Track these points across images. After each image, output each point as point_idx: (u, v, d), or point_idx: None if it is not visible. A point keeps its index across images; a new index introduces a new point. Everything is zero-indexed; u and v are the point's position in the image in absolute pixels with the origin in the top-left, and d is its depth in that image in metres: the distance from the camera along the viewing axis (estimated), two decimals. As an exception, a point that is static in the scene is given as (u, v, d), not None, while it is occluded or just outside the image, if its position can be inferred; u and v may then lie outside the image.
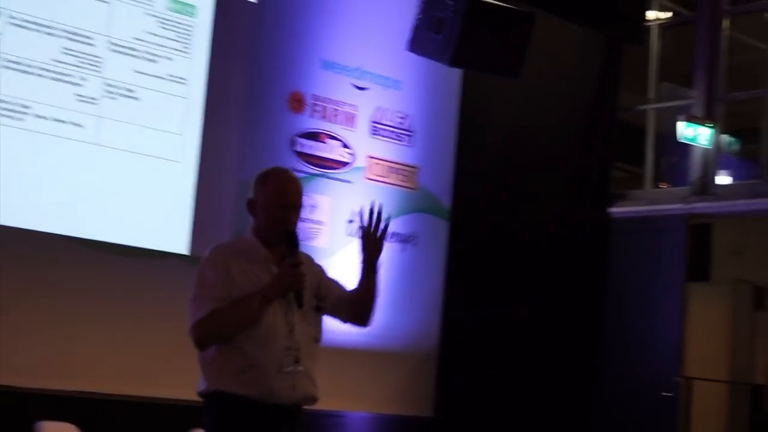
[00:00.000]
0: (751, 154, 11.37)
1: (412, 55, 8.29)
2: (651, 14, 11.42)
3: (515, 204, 10.47)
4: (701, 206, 10.78)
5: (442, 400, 9.88)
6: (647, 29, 11.34)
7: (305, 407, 4.58)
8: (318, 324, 4.66)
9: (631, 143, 11.77)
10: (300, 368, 4.48)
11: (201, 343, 4.43)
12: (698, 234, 12.05)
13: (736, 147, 11.56)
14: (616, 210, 11.12)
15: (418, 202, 9.73)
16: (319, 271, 4.68)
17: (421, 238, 9.71)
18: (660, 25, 11.43)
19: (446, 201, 9.92)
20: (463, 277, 9.99)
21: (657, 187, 11.54)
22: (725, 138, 11.22)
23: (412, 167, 9.71)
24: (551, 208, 10.78)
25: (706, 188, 10.80)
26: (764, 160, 10.66)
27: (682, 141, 10.65)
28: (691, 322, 11.87)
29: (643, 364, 10.54)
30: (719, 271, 14.26)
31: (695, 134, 10.62)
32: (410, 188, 9.68)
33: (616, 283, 10.91)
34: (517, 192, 10.51)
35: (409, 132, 9.69)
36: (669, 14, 11.75)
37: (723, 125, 10.99)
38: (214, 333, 4.40)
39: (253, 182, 4.60)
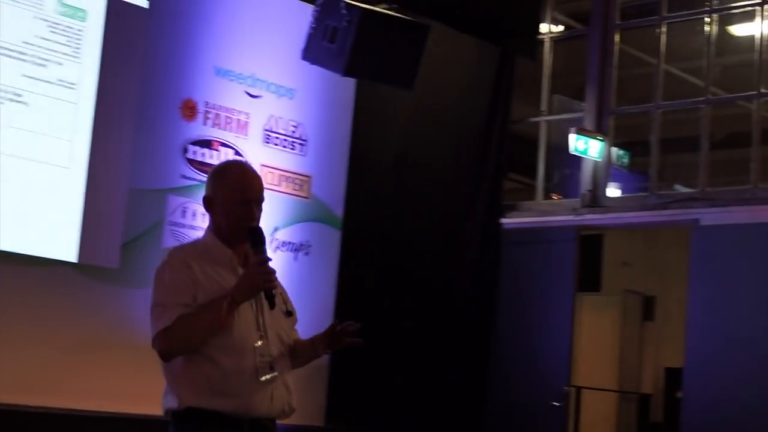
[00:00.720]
0: (641, 167, 11.53)
1: (306, 63, 8.28)
2: (544, 28, 11.53)
3: (407, 214, 10.50)
4: (591, 218, 10.92)
5: (333, 409, 9.87)
6: (540, 42, 11.45)
7: (281, 421, 4.23)
8: (291, 329, 4.34)
9: (524, 155, 11.89)
10: (275, 375, 4.13)
11: (167, 354, 4.04)
12: (589, 245, 12.21)
13: (626, 160, 11.72)
14: (507, 221, 11.22)
15: (310, 211, 9.71)
16: (281, 285, 4.31)
17: (313, 247, 9.69)
18: (552, 38, 11.55)
19: (338, 210, 9.92)
20: (354, 286, 9.99)
21: (549, 198, 11.66)
22: (616, 151, 11.37)
23: (305, 176, 9.68)
24: (443, 218, 10.83)
25: (596, 200, 10.93)
26: (653, 173, 10.82)
27: (574, 153, 10.78)
28: (581, 332, 12.01)
29: (533, 374, 10.63)
30: (609, 281, 14.48)
31: (586, 147, 10.76)
32: (303, 197, 9.66)
33: (508, 294, 11.00)
34: (409, 202, 10.54)
35: (302, 141, 9.67)
36: (561, 28, 11.89)
37: (613, 138, 11.14)
38: (181, 342, 4.00)
39: (208, 178, 4.28)
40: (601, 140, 10.84)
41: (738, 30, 11.31)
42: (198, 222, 8.79)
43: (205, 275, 4.09)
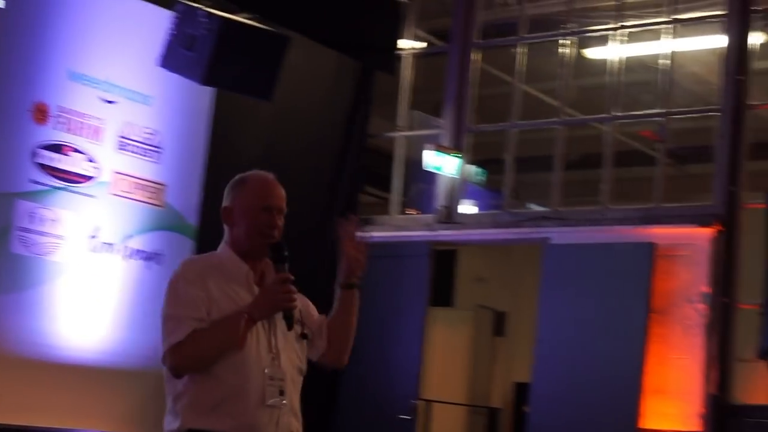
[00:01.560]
0: (496, 184, 11.69)
1: (164, 70, 8.22)
2: (405, 43, 11.63)
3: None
4: (445, 234, 11.02)
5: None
6: (400, 58, 11.54)
7: None
8: (303, 353, 4.16)
9: (382, 169, 11.97)
10: (284, 402, 3.98)
11: (178, 370, 3.87)
12: (442, 260, 12.34)
13: (481, 177, 11.87)
14: (362, 235, 11.22)
15: (163, 220, 9.61)
16: (304, 298, 4.23)
17: (165, 256, 9.59)
18: (412, 54, 11.65)
19: (192, 219, 9.82)
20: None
21: (404, 213, 11.74)
22: (472, 168, 11.51)
23: (159, 184, 9.59)
24: (299, 230, 10.79)
25: (450, 216, 11.05)
26: (507, 191, 10.98)
27: (430, 169, 10.88)
28: (433, 347, 12.12)
29: (383, 387, 10.68)
30: (462, 296, 14.69)
31: (442, 163, 10.87)
32: (156, 205, 9.56)
33: (360, 308, 11.00)
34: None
35: (157, 148, 9.58)
36: (423, 44, 11.99)
37: (470, 155, 11.27)
38: (193, 359, 3.85)
39: (227, 189, 4.15)
40: (457, 157, 10.96)
41: (593, 53, 11.55)
42: (47, 228, 8.65)
43: (219, 290, 3.95)
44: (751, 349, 8.03)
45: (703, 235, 9.56)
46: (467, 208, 11.29)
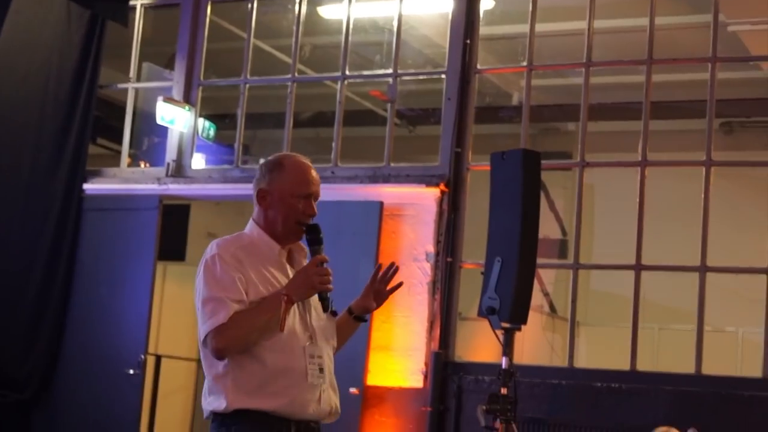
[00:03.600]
0: (228, 140, 11.68)
1: None
2: (137, -6, 11.44)
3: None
4: (176, 188, 10.94)
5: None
6: (132, 9, 11.35)
7: (326, 422, 4.20)
8: (333, 329, 4.30)
9: (113, 120, 11.79)
10: (325, 378, 4.12)
11: (221, 352, 3.94)
12: (173, 215, 12.25)
13: (212, 132, 11.83)
14: (90, 187, 11.06)
15: None
16: None
17: None
18: (144, 5, 11.47)
19: None
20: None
21: (137, 166, 11.59)
22: (203, 122, 11.45)
23: None
24: (25, 179, 10.57)
25: (181, 170, 10.97)
26: (238, 146, 10.98)
27: (161, 122, 10.78)
28: (165, 301, 12.06)
29: (110, 343, 10.55)
30: (194, 251, 14.60)
31: (173, 117, 10.78)
32: None
33: (87, 261, 10.86)
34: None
35: None
36: (158, -5, 11.82)
37: (201, 110, 11.21)
38: (237, 339, 3.91)
39: (262, 169, 4.17)
40: (188, 110, 10.90)
41: (326, 12, 11.64)
42: None
43: (255, 271, 4.02)
44: (474, 308, 8.29)
45: (429, 195, 9.79)
46: (198, 162, 11.23)
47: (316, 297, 4.18)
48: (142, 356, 10.50)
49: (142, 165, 11.62)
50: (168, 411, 13.64)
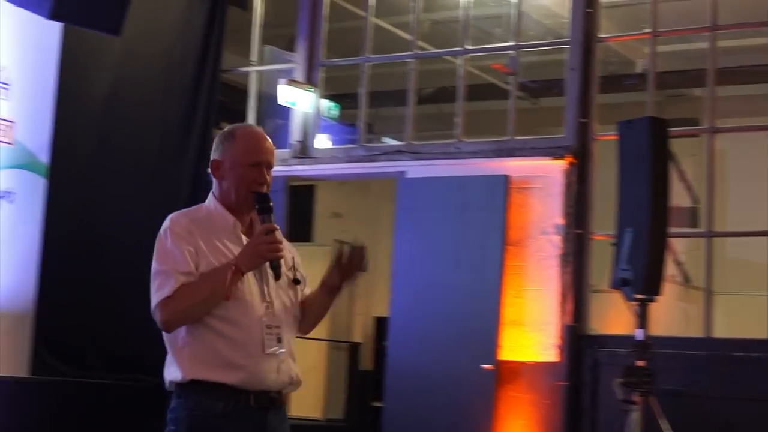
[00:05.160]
0: (350, 119, 11.70)
1: (9, 5, 8.04)
2: (256, -23, 11.50)
3: (117, 160, 10.35)
4: (301, 169, 11.00)
5: (39, 360, 9.65)
6: (251, -8, 11.44)
7: (287, 391, 4.19)
8: (296, 298, 4.25)
9: (236, 104, 11.87)
10: (283, 349, 4.08)
11: (168, 324, 3.97)
12: (300, 196, 12.33)
13: (335, 112, 11.85)
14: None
15: (13, 158, 9.40)
16: (292, 248, 4.31)
17: (17, 194, 9.42)
18: (263, -11, 11.54)
19: (44, 157, 9.65)
20: (61, 235, 9.77)
21: (260, 148, 11.64)
22: (325, 103, 11.48)
23: (8, 122, 9.38)
24: (153, 165, 10.72)
25: (306, 151, 11.03)
26: (361, 125, 10.99)
27: (284, 104, 10.83)
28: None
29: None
30: (320, 232, 14.70)
31: (296, 98, 10.83)
32: (5, 143, 9.36)
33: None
34: (118, 148, 10.39)
35: (4, 85, 9.36)
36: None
37: (324, 90, 11.25)
38: (182, 312, 3.93)
39: (216, 141, 4.15)
40: (310, 91, 10.94)
41: (445, -14, 11.58)
42: None
43: (207, 243, 4.01)
44: (605, 280, 8.19)
45: (556, 167, 9.69)
46: (322, 143, 11.27)
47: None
48: (275, 338, 10.55)
49: (266, 147, 11.66)
50: (301, 390, 13.73)
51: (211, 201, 4.18)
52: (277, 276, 4.06)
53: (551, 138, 9.99)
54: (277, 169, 10.76)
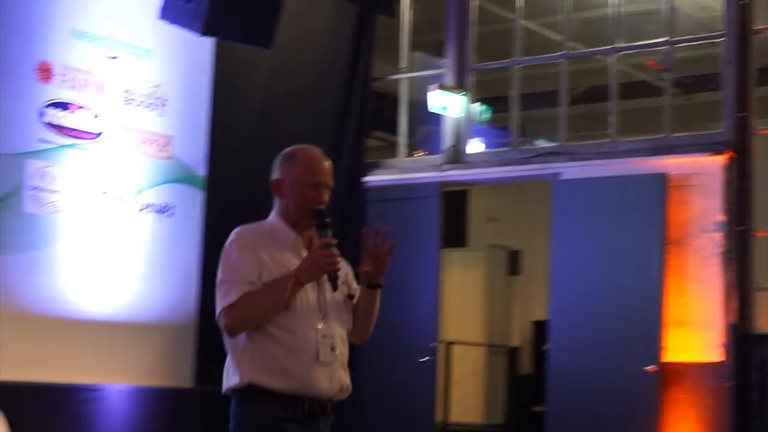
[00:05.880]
0: (502, 122, 11.64)
1: (164, 23, 8.18)
2: (402, -15, 11.52)
3: (270, 173, 10.45)
4: (455, 174, 10.97)
5: (201, 370, 9.82)
6: (398, 0, 11.45)
7: (338, 399, 4.39)
8: (349, 312, 4.47)
9: (387, 112, 11.91)
10: (336, 358, 4.31)
11: (231, 330, 4.22)
12: (453, 201, 12.30)
13: (487, 115, 11.80)
14: (371, 179, 11.21)
15: (172, 172, 9.59)
16: (347, 264, 4.50)
17: (176, 208, 9.60)
18: (411, -4, 11.56)
19: (201, 170, 9.82)
20: (220, 246, 9.86)
21: (412, 155, 11.70)
22: (476, 107, 11.44)
23: (165, 137, 9.57)
24: (306, 177, 10.81)
25: (458, 156, 11.00)
26: (514, 128, 10.92)
27: (435, 110, 10.83)
28: (449, 288, 12.11)
29: (400, 332, 10.64)
30: (475, 237, 14.67)
31: (447, 103, 10.81)
32: (164, 158, 9.54)
33: (374, 250, 10.98)
34: (272, 160, 10.47)
35: (161, 101, 9.55)
36: (421, -15, 11.87)
37: (474, 94, 11.21)
38: (245, 318, 4.18)
39: (277, 161, 4.46)
40: (461, 96, 10.91)
41: (593, -15, 11.45)
42: (58, 186, 8.66)
43: (270, 256, 4.25)
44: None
45: (715, 163, 9.50)
46: (475, 147, 11.23)
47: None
48: (434, 343, 10.57)
49: (418, 154, 11.70)
50: (461, 396, 13.73)
51: (273, 217, 4.42)
52: (334, 287, 4.25)
53: (709, 134, 9.80)
54: (431, 175, 10.89)
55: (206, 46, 9.77)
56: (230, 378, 4.27)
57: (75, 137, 8.85)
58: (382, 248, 4.49)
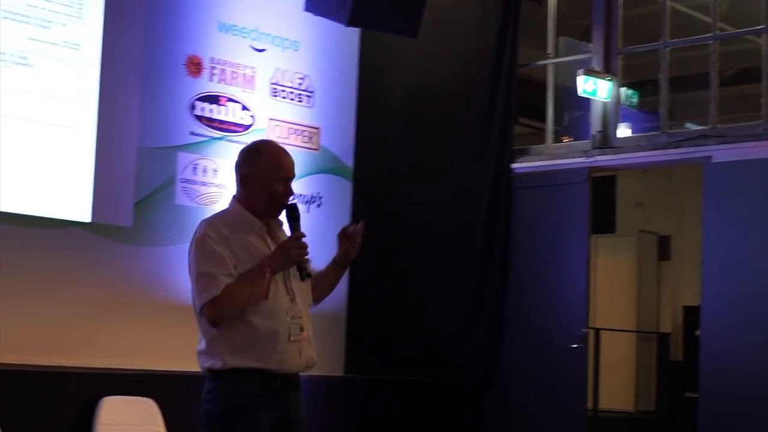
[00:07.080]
0: (651, 106, 11.48)
1: (310, 15, 8.26)
2: (548, -30, 11.45)
3: (418, 161, 10.51)
4: (603, 159, 10.86)
5: (352, 360, 9.92)
6: (544, -16, 11.39)
7: (303, 373, 4.76)
8: (309, 290, 4.86)
9: (533, 98, 11.85)
10: (304, 336, 4.69)
11: (216, 321, 4.53)
12: (602, 187, 12.20)
13: (635, 100, 11.66)
14: (518, 165, 11.17)
15: (320, 163, 9.72)
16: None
17: (324, 198, 9.72)
18: (557, -20, 11.47)
19: (348, 161, 9.93)
20: (368, 236, 9.93)
21: (559, 141, 11.62)
22: (625, 91, 11.31)
23: (314, 128, 9.68)
24: (453, 165, 10.82)
25: (607, 141, 10.88)
26: (663, 111, 10.77)
27: (582, 95, 10.74)
28: (598, 274, 12.02)
29: (550, 318, 10.62)
30: (623, 222, 14.53)
31: (595, 88, 10.70)
32: (312, 149, 9.66)
33: (521, 239, 10.98)
34: (419, 149, 10.54)
35: (308, 93, 9.66)
36: (566, -31, 11.80)
37: (622, 78, 11.08)
38: (229, 310, 4.51)
39: (242, 156, 4.77)
40: (609, 81, 10.79)
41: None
42: (209, 178, 8.83)
43: (238, 244, 4.59)
44: None
45: None
46: (623, 131, 11.11)
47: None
48: (584, 330, 10.49)
49: (566, 140, 11.61)
50: (611, 382, 13.63)
51: (236, 206, 4.73)
52: (303, 277, 4.66)
53: None
54: (579, 161, 10.82)
55: (352, 37, 9.86)
56: (208, 360, 4.59)
57: (225, 130, 9.02)
58: (356, 233, 4.99)
